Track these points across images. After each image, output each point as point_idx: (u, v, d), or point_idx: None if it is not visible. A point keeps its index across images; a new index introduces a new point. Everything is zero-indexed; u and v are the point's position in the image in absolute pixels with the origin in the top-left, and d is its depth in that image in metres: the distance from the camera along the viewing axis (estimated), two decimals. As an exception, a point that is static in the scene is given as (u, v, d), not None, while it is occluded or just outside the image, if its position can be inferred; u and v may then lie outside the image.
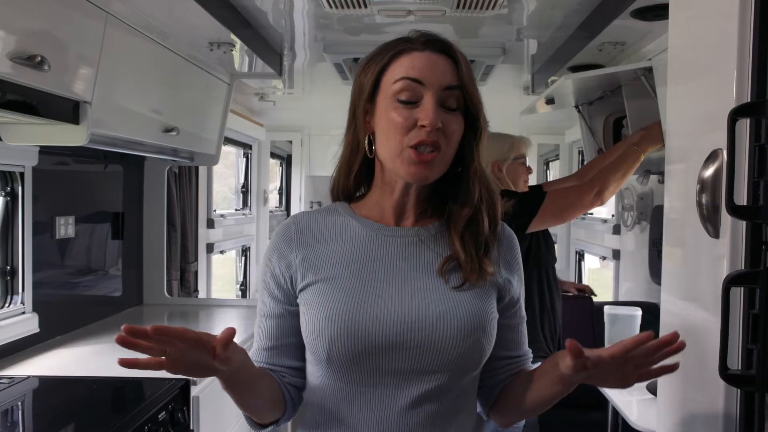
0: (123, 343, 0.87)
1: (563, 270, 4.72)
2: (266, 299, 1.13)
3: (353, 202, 1.16)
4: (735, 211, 0.90)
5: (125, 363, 0.88)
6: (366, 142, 1.09)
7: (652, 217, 3.27)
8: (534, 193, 2.27)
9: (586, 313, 3.21)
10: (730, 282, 0.89)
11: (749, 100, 0.92)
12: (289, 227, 1.13)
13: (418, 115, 1.02)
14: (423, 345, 1.01)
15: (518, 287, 1.15)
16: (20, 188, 2.14)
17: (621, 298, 3.87)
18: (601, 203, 2.22)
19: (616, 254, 3.91)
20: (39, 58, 1.52)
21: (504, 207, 1.14)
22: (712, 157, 0.99)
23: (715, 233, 0.99)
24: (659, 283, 3.08)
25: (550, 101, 3.10)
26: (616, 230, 3.87)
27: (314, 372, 1.10)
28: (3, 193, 2.11)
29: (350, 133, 1.12)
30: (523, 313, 1.18)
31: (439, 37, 1.07)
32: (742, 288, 0.91)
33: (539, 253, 2.33)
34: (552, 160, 5.46)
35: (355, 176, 1.13)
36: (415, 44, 1.05)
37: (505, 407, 1.16)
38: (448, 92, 1.03)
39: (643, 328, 2.92)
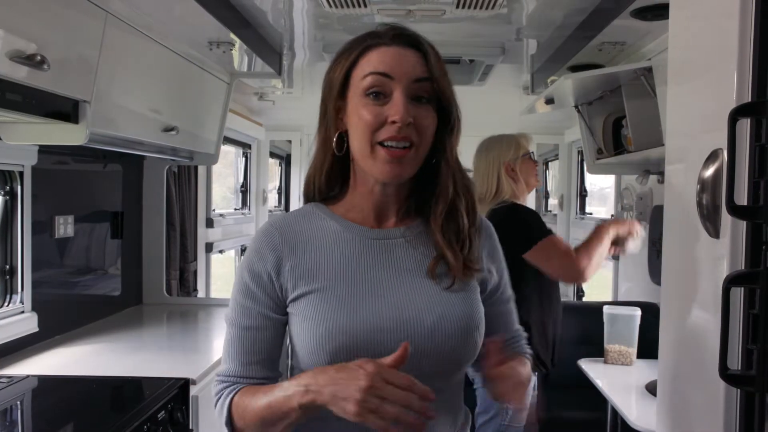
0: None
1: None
2: (249, 308, 1.06)
3: (328, 202, 1.13)
4: (735, 211, 0.90)
5: None
6: (337, 139, 1.07)
7: (652, 217, 3.27)
8: (541, 229, 2.31)
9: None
10: (731, 282, 0.89)
11: (750, 100, 0.92)
12: (272, 233, 1.08)
13: (388, 111, 1.01)
14: (422, 350, 1.01)
15: (500, 273, 1.17)
16: (19, 187, 2.14)
17: (620, 298, 3.87)
18: (583, 279, 2.30)
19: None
20: (38, 57, 1.52)
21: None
22: (713, 157, 0.99)
23: (715, 233, 0.99)
24: (658, 283, 3.08)
25: (549, 101, 3.10)
26: (616, 230, 3.86)
27: None
28: (2, 193, 2.11)
29: (321, 130, 1.10)
30: (508, 294, 1.19)
31: (406, 30, 1.06)
32: (742, 288, 0.91)
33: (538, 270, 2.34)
34: (551, 160, 5.46)
35: (328, 176, 1.11)
36: (383, 39, 1.04)
37: None
38: (417, 85, 1.02)
39: (642, 328, 2.92)
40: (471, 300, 1.08)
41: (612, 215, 4.08)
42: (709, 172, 0.99)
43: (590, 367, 2.62)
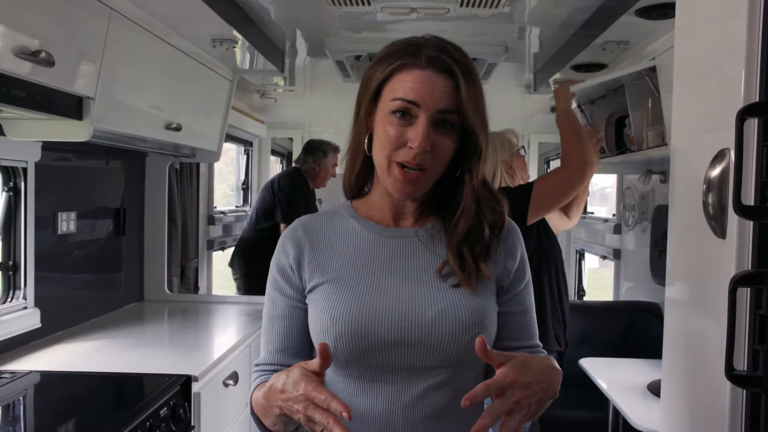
0: None
1: (563, 269, 4.72)
2: (276, 300, 1.14)
3: (356, 200, 1.19)
4: (742, 211, 0.90)
5: None
6: (366, 140, 1.11)
7: (654, 216, 3.27)
8: (522, 186, 2.29)
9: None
10: (737, 282, 0.89)
11: (757, 100, 0.91)
12: (297, 228, 1.17)
13: (410, 135, 1.03)
14: (421, 342, 1.04)
15: (518, 274, 1.14)
16: (23, 183, 2.14)
17: (621, 298, 3.88)
18: (591, 173, 2.21)
19: (617, 254, 3.92)
20: (43, 54, 1.52)
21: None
22: (719, 156, 0.99)
23: (721, 233, 0.98)
24: (660, 283, 3.08)
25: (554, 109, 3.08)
26: (617, 230, 3.87)
27: None
28: (6, 189, 2.11)
29: (355, 129, 1.13)
30: (527, 303, 1.16)
31: (443, 54, 1.04)
32: (749, 288, 0.91)
33: (544, 249, 2.34)
34: (553, 159, 5.44)
35: (358, 174, 1.15)
36: (419, 60, 1.04)
37: None
38: (444, 114, 1.04)
39: (643, 328, 2.92)
40: (479, 297, 1.07)
41: (613, 214, 4.08)
42: (716, 171, 0.99)
43: (592, 367, 2.62)
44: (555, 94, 2.38)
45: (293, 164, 4.26)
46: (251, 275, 3.89)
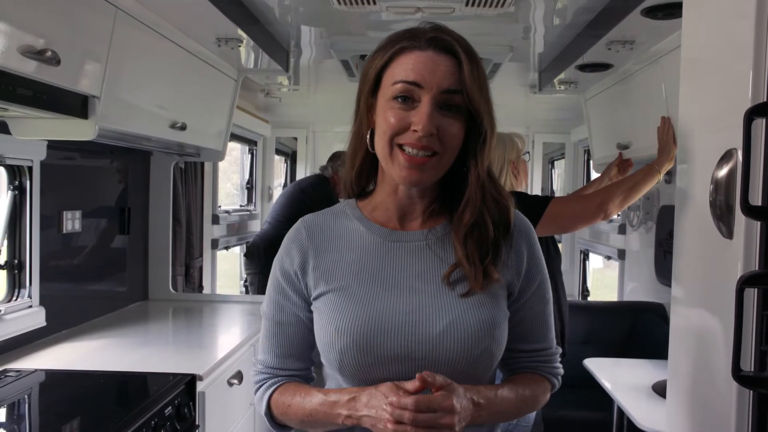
0: None
1: (566, 270, 4.71)
2: (282, 305, 1.12)
3: (362, 198, 1.14)
4: (750, 211, 0.89)
5: None
6: (368, 136, 1.07)
7: (658, 216, 3.26)
8: (540, 198, 2.29)
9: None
10: (744, 283, 0.88)
11: (765, 100, 0.91)
12: (300, 231, 1.13)
13: (413, 118, 0.99)
14: (429, 357, 1.01)
15: (531, 275, 1.11)
16: (28, 182, 2.14)
17: (626, 298, 3.87)
18: (605, 216, 2.17)
19: (621, 254, 3.91)
20: (49, 53, 1.52)
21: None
22: (727, 156, 0.98)
23: (728, 234, 0.98)
24: (664, 284, 3.07)
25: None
26: (622, 230, 3.87)
27: (330, 375, 1.11)
28: (11, 187, 2.12)
29: (356, 125, 1.10)
30: (541, 305, 1.13)
31: (443, 34, 1.02)
32: (756, 289, 0.91)
33: (546, 259, 2.32)
34: (557, 159, 5.44)
35: (359, 172, 1.11)
36: (419, 42, 1.01)
37: None
38: (447, 95, 1.00)
39: (647, 328, 2.91)
40: (489, 308, 1.04)
41: (618, 214, 4.06)
42: (723, 172, 0.99)
43: (596, 367, 2.61)
44: (665, 150, 2.29)
45: (319, 171, 4.41)
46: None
